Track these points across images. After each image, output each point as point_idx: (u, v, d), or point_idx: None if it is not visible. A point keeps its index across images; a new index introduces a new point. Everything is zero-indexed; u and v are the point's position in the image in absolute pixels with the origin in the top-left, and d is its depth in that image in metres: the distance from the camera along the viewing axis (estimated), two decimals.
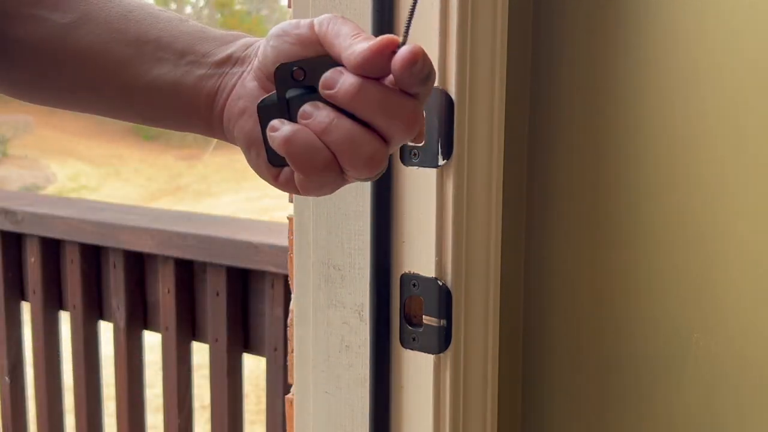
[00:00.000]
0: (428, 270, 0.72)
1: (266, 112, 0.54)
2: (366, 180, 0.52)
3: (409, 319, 0.74)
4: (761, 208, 0.68)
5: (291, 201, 0.80)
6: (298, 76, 0.53)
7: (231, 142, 0.59)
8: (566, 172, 0.77)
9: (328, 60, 0.52)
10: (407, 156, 0.71)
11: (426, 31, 0.69)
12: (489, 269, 0.75)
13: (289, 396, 0.85)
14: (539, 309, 0.81)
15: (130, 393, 1.95)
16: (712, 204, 0.70)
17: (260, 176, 0.59)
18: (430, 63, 0.49)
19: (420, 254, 0.72)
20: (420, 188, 0.71)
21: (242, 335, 1.81)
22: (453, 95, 0.69)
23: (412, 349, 0.74)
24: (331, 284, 0.77)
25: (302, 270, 0.79)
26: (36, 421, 2.11)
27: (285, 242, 1.28)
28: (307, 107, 0.52)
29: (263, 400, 1.83)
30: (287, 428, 0.87)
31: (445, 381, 0.72)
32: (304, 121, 0.52)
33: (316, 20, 0.54)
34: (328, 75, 0.50)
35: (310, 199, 0.77)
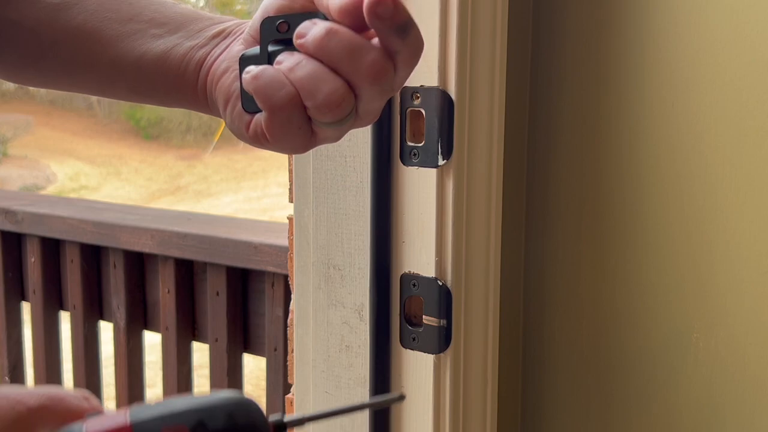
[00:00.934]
0: (428, 270, 0.72)
1: (247, 62, 0.56)
2: (332, 126, 0.52)
3: (409, 319, 0.74)
4: (761, 207, 0.68)
5: (291, 201, 0.80)
6: (282, 29, 0.54)
7: (212, 111, 0.61)
8: (566, 172, 0.77)
9: (313, 15, 0.53)
10: (407, 156, 0.71)
11: (426, 31, 0.69)
12: (489, 269, 0.75)
13: (289, 396, 0.85)
14: (539, 309, 0.81)
15: (130, 393, 1.95)
16: (712, 204, 0.70)
17: (234, 133, 0.60)
18: (406, 13, 0.49)
19: (420, 254, 0.72)
20: (420, 188, 0.71)
21: (242, 335, 1.81)
22: (453, 95, 0.69)
23: (412, 349, 0.74)
24: (331, 284, 0.77)
25: (302, 270, 0.79)
26: None
27: (285, 242, 1.28)
28: (282, 55, 0.54)
29: (263, 400, 1.83)
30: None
31: (445, 381, 0.72)
32: (277, 66, 0.54)
33: None
34: (302, 25, 0.51)
35: (310, 199, 0.77)
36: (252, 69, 0.54)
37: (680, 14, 0.70)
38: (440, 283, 0.71)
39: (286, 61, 0.54)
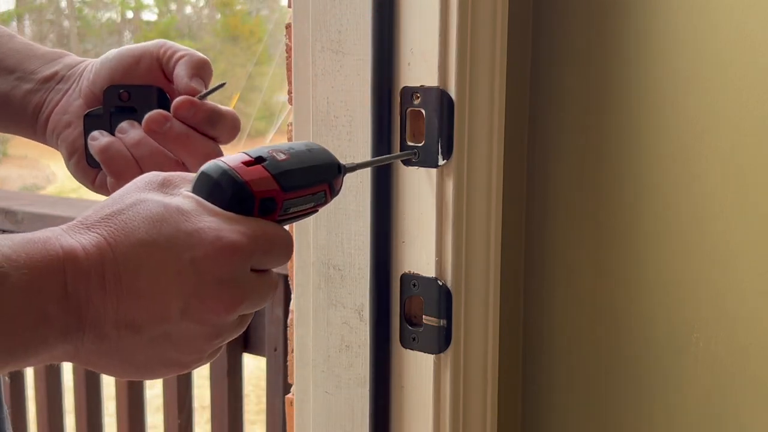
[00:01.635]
0: (428, 270, 0.72)
1: (91, 122, 0.68)
2: None
3: (409, 319, 0.74)
4: (762, 208, 0.68)
5: None
6: (124, 97, 0.67)
7: (53, 148, 0.72)
8: (566, 172, 0.77)
9: (152, 90, 0.67)
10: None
11: (426, 31, 0.69)
12: (489, 269, 0.75)
13: (289, 396, 0.85)
14: (539, 309, 0.81)
15: (130, 393, 1.95)
16: (713, 204, 0.70)
17: (78, 180, 0.71)
18: (205, 108, 0.65)
19: (420, 254, 0.72)
20: (420, 188, 0.71)
21: (242, 335, 1.81)
22: (453, 95, 0.69)
23: (412, 349, 0.74)
24: (331, 284, 0.77)
25: (302, 270, 0.79)
26: (36, 421, 2.11)
27: None
28: (124, 124, 0.67)
29: (263, 400, 1.83)
30: (287, 428, 0.87)
31: (445, 381, 0.72)
32: (120, 135, 0.67)
33: (150, 45, 0.70)
34: (152, 115, 0.66)
35: None
36: (98, 138, 0.67)
37: (681, 14, 0.70)
38: (440, 283, 0.71)
39: (129, 133, 0.67)
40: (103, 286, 0.48)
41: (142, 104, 0.67)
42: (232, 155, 0.55)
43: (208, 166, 0.53)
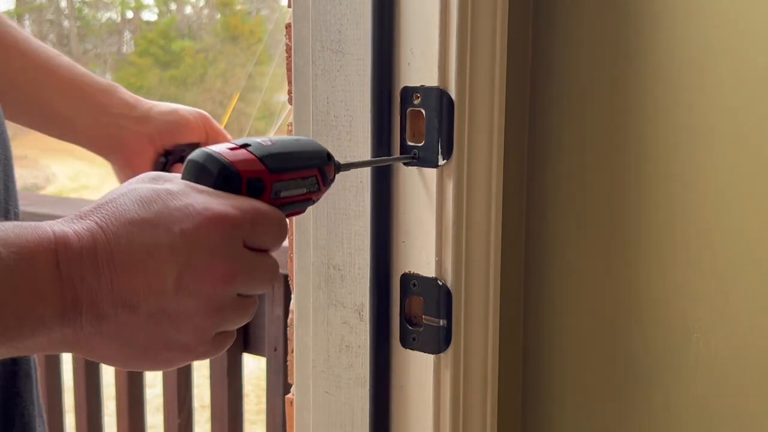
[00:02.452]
0: (428, 270, 0.72)
1: (157, 167, 0.92)
2: None
3: (409, 319, 0.74)
4: (762, 208, 0.68)
5: None
6: (185, 154, 0.85)
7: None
8: (566, 172, 0.77)
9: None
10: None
11: (426, 31, 0.69)
12: (489, 269, 0.75)
13: (289, 396, 0.85)
14: (539, 309, 0.81)
15: (130, 393, 1.95)
16: (713, 204, 0.70)
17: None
18: None
19: (420, 254, 0.72)
20: (420, 188, 0.71)
21: (242, 335, 1.80)
22: (453, 95, 0.69)
23: (412, 349, 0.74)
24: (331, 284, 0.77)
25: (302, 270, 0.79)
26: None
27: (285, 242, 1.28)
28: None
29: (263, 400, 1.83)
30: (287, 428, 0.87)
31: (445, 381, 0.72)
32: None
33: (197, 117, 0.94)
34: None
35: None
36: None
37: (682, 14, 0.70)
38: (440, 283, 0.71)
39: None
40: (96, 265, 0.49)
41: None
42: (218, 144, 0.57)
43: (194, 153, 0.56)
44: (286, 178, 0.57)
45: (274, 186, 0.56)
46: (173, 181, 0.54)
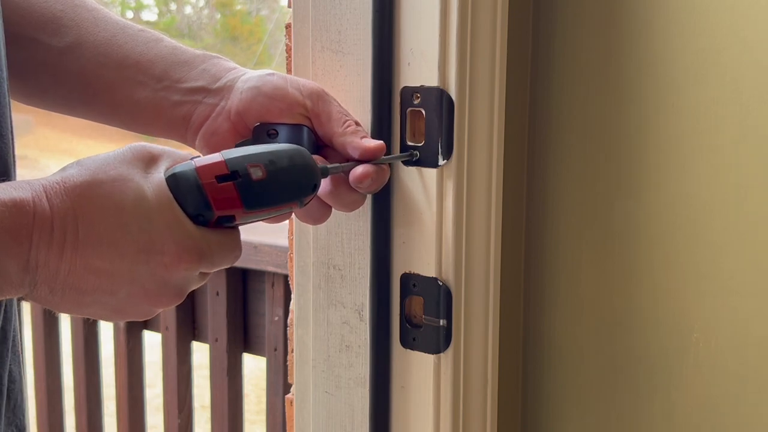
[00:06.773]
0: (428, 270, 0.72)
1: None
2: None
3: (409, 319, 0.74)
4: (762, 207, 0.68)
5: None
6: (272, 134, 0.68)
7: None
8: (566, 172, 0.77)
9: (302, 129, 0.68)
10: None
11: (426, 31, 0.69)
12: (489, 269, 0.75)
13: (289, 396, 0.85)
14: (539, 309, 0.81)
15: (130, 393, 1.95)
16: (713, 203, 0.70)
17: None
18: (382, 180, 0.68)
19: (420, 254, 0.72)
20: (420, 188, 0.71)
21: (242, 335, 1.81)
22: (453, 95, 0.69)
23: (412, 349, 0.74)
24: (331, 284, 0.77)
25: (302, 270, 0.79)
26: (36, 421, 2.11)
27: (285, 242, 1.28)
28: None
29: (263, 400, 1.83)
30: (287, 428, 0.87)
31: (445, 381, 0.72)
32: None
33: (304, 93, 0.69)
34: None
35: None
36: None
37: (682, 14, 0.70)
38: (440, 283, 0.71)
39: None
40: (61, 253, 0.54)
41: (290, 141, 0.68)
42: (213, 157, 0.58)
43: (183, 170, 0.57)
44: (259, 213, 0.59)
45: (242, 219, 0.59)
46: (156, 186, 0.57)
